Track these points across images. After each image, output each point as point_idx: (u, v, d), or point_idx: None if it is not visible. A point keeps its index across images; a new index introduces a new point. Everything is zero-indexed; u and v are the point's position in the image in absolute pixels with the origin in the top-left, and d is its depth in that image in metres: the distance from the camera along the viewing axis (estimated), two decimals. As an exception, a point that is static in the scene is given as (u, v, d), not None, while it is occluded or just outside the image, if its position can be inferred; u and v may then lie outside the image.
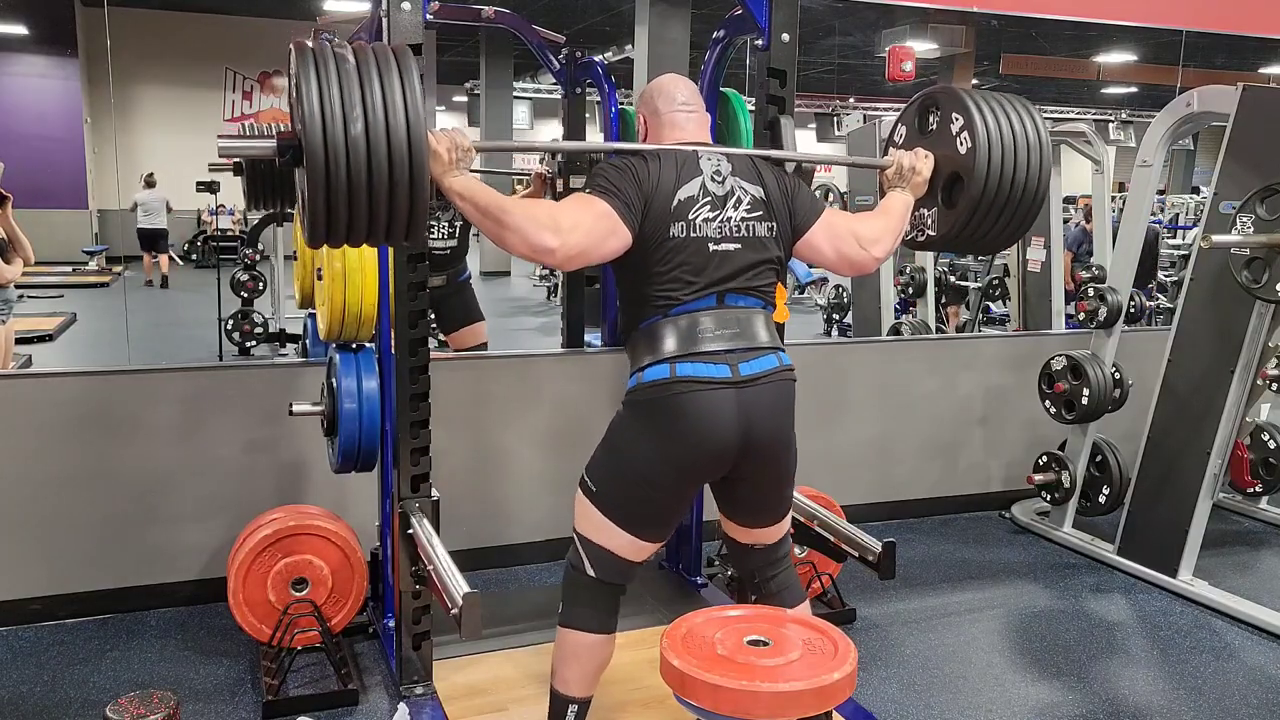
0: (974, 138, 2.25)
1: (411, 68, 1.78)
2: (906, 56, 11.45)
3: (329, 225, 1.75)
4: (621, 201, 1.99)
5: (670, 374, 2.00)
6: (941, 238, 2.39)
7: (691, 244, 2.03)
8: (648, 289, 2.04)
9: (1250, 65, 14.46)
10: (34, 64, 13.14)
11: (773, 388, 2.06)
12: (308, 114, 1.68)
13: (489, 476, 3.61)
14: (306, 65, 1.72)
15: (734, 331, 2.04)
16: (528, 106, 17.08)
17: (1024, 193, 2.28)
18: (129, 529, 3.19)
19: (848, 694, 1.87)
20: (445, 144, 1.87)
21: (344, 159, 1.69)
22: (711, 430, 2.00)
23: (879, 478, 4.28)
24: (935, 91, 2.41)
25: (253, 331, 7.28)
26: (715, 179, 2.08)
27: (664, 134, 2.20)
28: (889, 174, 2.38)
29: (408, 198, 1.75)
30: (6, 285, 4.89)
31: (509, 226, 1.89)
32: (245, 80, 14.46)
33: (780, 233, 2.14)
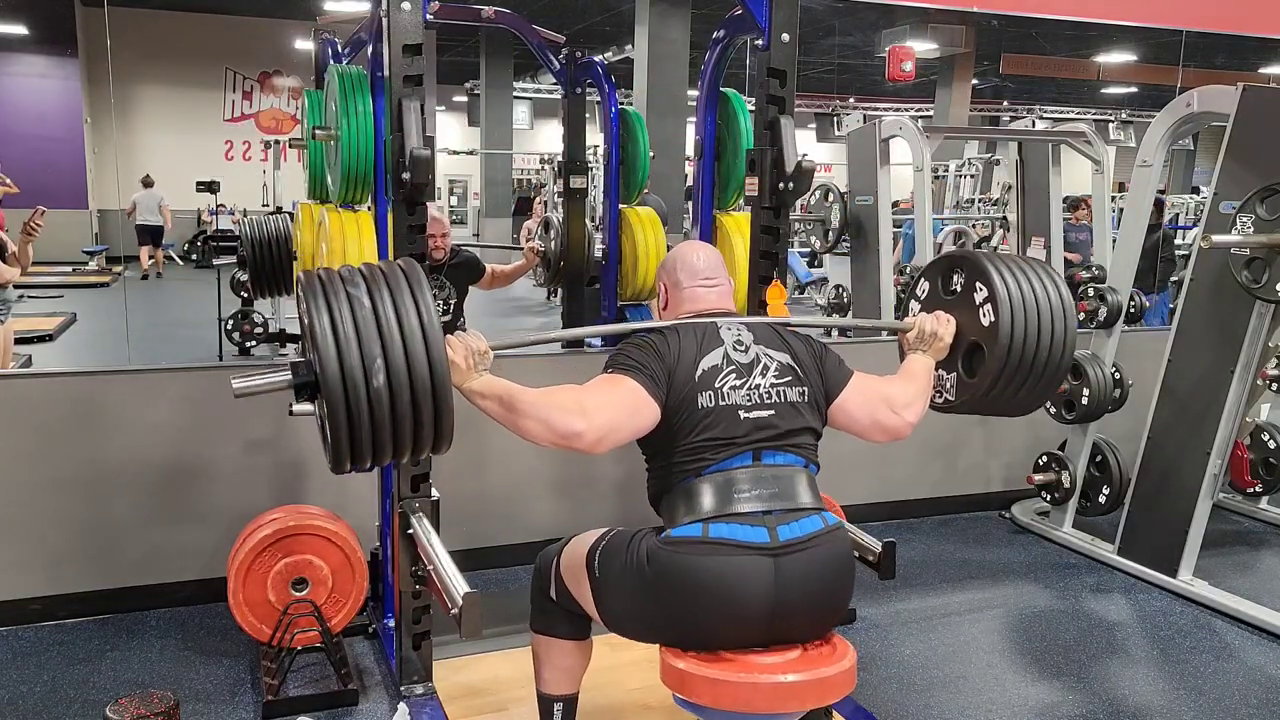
0: (997, 313, 2.18)
1: (425, 291, 1.73)
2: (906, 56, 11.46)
3: (354, 458, 1.72)
4: (646, 375, 1.92)
5: (703, 534, 1.85)
6: (959, 404, 2.35)
7: (722, 412, 1.93)
8: (678, 457, 1.94)
9: (1250, 65, 14.45)
10: (34, 64, 13.13)
11: (819, 553, 1.88)
12: (325, 365, 1.64)
13: (489, 476, 3.61)
14: (318, 305, 1.67)
15: (772, 491, 1.90)
16: (528, 106, 17.09)
17: (1047, 366, 2.22)
18: (129, 529, 3.19)
19: (848, 689, 1.87)
20: (462, 353, 1.84)
21: (366, 407, 1.65)
22: (740, 603, 1.82)
23: (879, 478, 4.28)
24: (960, 255, 2.37)
25: (253, 331, 7.27)
26: (738, 348, 2.00)
27: (684, 307, 2.15)
28: (910, 337, 2.31)
29: (433, 423, 1.72)
30: (5, 286, 4.88)
31: (533, 417, 1.84)
32: (245, 80, 14.45)
33: (814, 397, 2.04)
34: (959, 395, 2.34)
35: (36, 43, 12.74)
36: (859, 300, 6.43)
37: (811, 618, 1.90)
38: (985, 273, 2.22)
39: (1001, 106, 19.66)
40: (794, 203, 2.96)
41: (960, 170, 12.08)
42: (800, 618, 1.88)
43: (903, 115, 9.54)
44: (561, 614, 2.11)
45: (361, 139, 2.77)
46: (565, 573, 2.08)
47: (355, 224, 2.88)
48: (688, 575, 1.83)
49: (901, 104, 17.17)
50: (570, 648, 2.14)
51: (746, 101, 3.29)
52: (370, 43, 2.90)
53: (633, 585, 1.92)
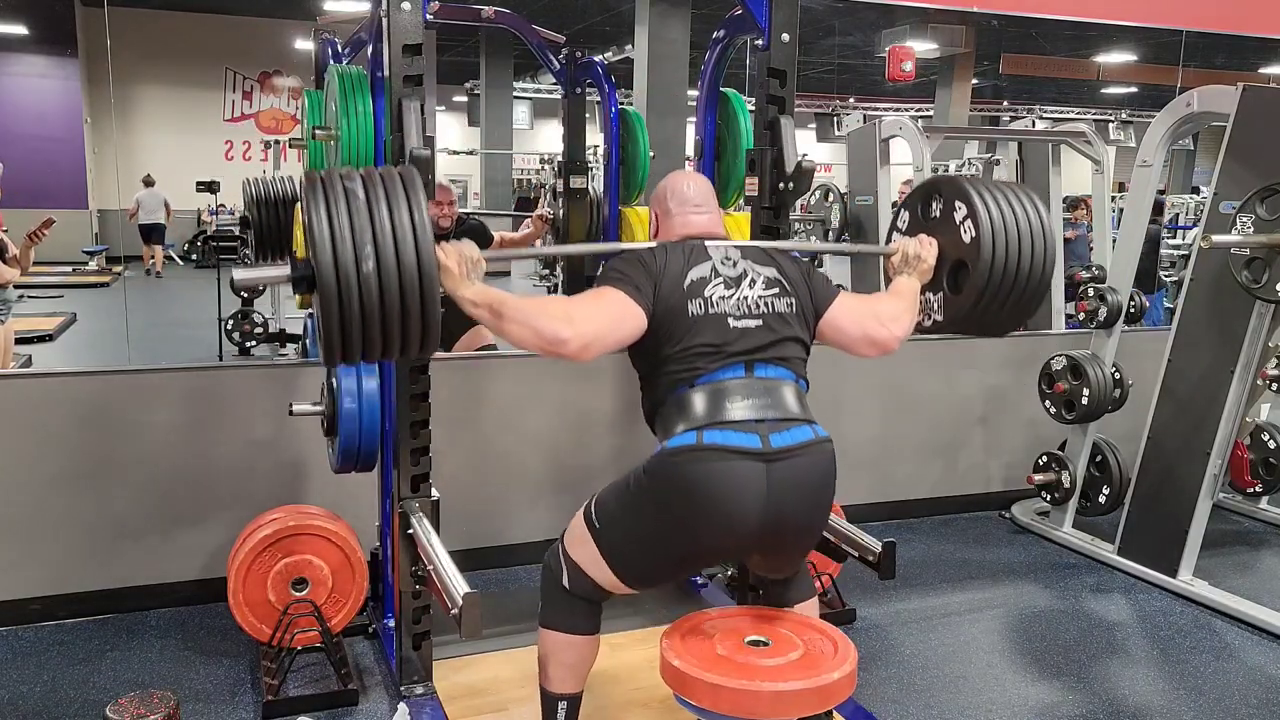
0: (978, 226, 2.23)
1: (419, 194, 1.79)
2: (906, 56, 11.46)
3: (344, 350, 1.78)
4: (632, 286, 1.98)
5: (697, 441, 1.90)
6: (948, 322, 2.38)
7: (711, 320, 1.99)
8: (669, 366, 1.99)
9: (1250, 65, 14.46)
10: (34, 64, 13.13)
11: (807, 461, 1.95)
12: (319, 250, 1.71)
13: (489, 476, 3.61)
14: (316, 198, 1.75)
15: (765, 401, 1.96)
16: (528, 106, 17.09)
17: (1029, 278, 2.26)
18: (129, 529, 3.19)
19: (848, 693, 1.87)
20: (455, 259, 1.87)
21: (356, 295, 1.72)
22: (735, 507, 1.88)
23: (879, 478, 4.28)
24: (937, 180, 2.40)
25: (253, 331, 7.28)
26: (725, 263, 2.06)
27: (674, 233, 2.19)
28: (894, 261, 2.35)
29: (419, 320, 1.78)
30: (6, 286, 4.88)
31: (523, 323, 1.88)
32: (245, 80, 14.46)
33: (801, 309, 2.10)
34: (946, 313, 2.38)
35: (36, 43, 12.74)
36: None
37: (801, 522, 1.98)
38: (963, 191, 2.28)
39: (1001, 106, 19.66)
40: (794, 203, 2.96)
41: (960, 170, 12.09)
42: (789, 523, 1.95)
43: (903, 115, 9.53)
44: (574, 605, 2.12)
45: (361, 139, 2.77)
46: (571, 548, 2.10)
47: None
48: (684, 479, 1.90)
49: (901, 104, 17.17)
50: (578, 643, 2.14)
51: (746, 101, 3.29)
52: (370, 43, 2.90)
53: (633, 507, 1.99)
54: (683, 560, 2.01)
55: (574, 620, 2.12)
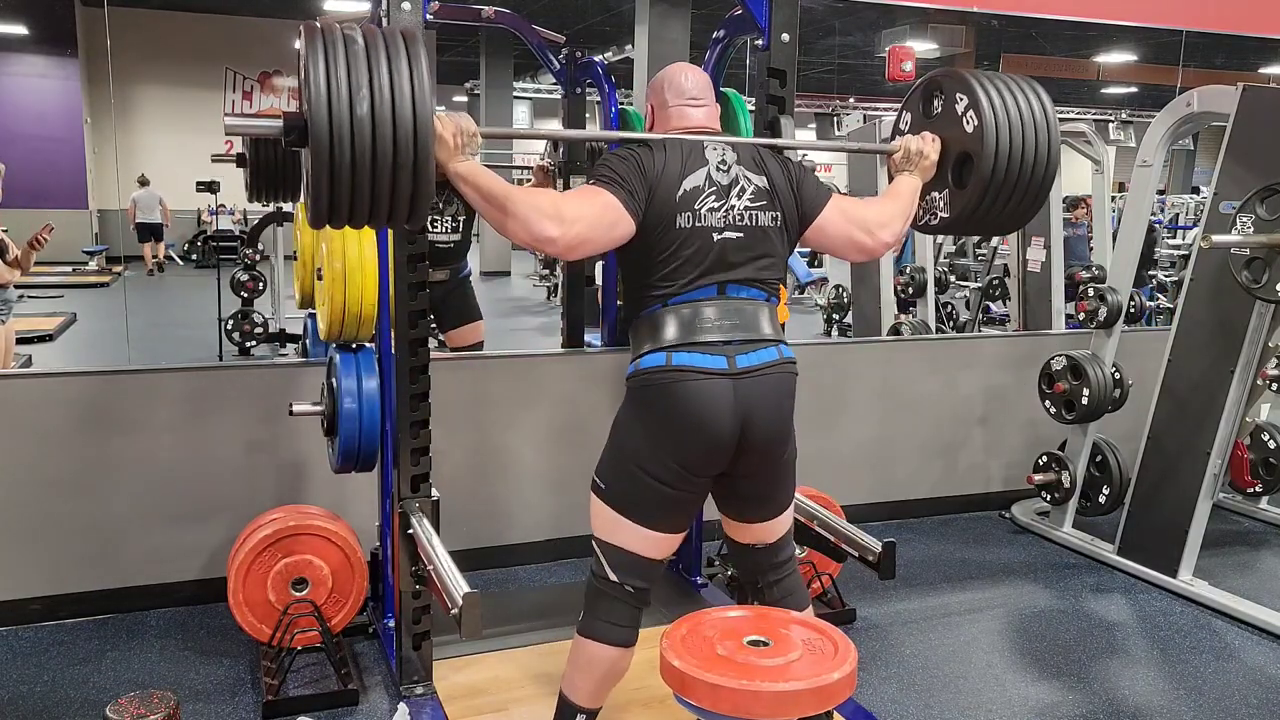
0: (980, 116, 2.22)
1: (420, 52, 1.77)
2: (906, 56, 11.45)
3: (331, 205, 1.75)
4: (625, 191, 1.99)
5: (666, 362, 2.01)
6: (954, 219, 2.37)
7: (696, 233, 2.03)
8: (650, 278, 2.05)
9: (1250, 65, 14.46)
10: (34, 64, 13.13)
11: (771, 379, 2.05)
12: (314, 93, 1.69)
13: (489, 476, 3.61)
14: (315, 46, 1.72)
15: (734, 322, 2.04)
16: (528, 106, 17.12)
17: (1035, 168, 2.26)
18: (129, 529, 3.19)
19: (848, 694, 1.87)
20: (451, 129, 1.87)
21: (349, 139, 1.69)
22: (707, 420, 1.99)
23: (879, 478, 4.28)
24: (938, 75, 2.39)
25: (253, 331, 7.28)
26: (720, 168, 2.07)
27: (670, 125, 2.19)
28: (896, 159, 2.36)
29: (410, 180, 1.75)
30: (6, 286, 4.89)
31: (512, 214, 1.89)
32: (245, 80, 14.46)
33: (786, 221, 2.13)
34: (952, 209, 2.36)
35: (36, 43, 12.74)
36: (859, 300, 6.44)
37: (767, 428, 2.06)
38: (965, 82, 2.27)
39: (1002, 106, 19.61)
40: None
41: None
42: (757, 428, 2.03)
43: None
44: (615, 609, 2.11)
45: (361, 139, 2.76)
46: (596, 530, 2.13)
47: (355, 224, 2.87)
48: (658, 395, 2.01)
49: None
50: (613, 656, 2.12)
51: (746, 101, 3.29)
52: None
53: (621, 439, 2.08)
54: (680, 475, 2.04)
55: (613, 629, 2.11)
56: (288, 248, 6.67)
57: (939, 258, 8.33)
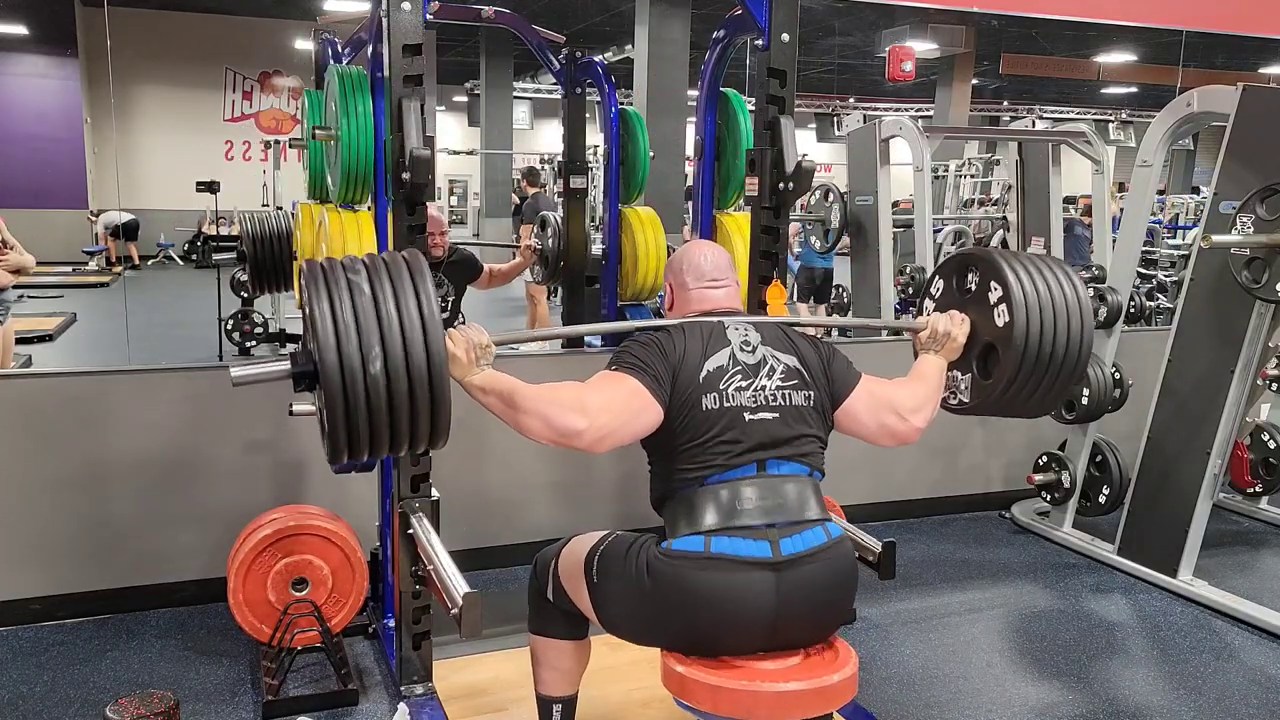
0: (1012, 313, 2.13)
1: (426, 282, 1.72)
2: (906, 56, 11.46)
3: (350, 449, 1.71)
4: (650, 376, 1.89)
5: (705, 548, 1.83)
6: (974, 406, 2.30)
7: (726, 415, 1.90)
8: (682, 462, 1.92)
9: (1250, 65, 14.47)
10: (34, 64, 13.14)
11: (820, 567, 1.87)
12: (324, 351, 1.64)
13: (489, 476, 3.61)
14: (319, 293, 1.67)
15: (777, 503, 1.89)
16: (528, 106, 17.09)
17: (1064, 366, 2.17)
18: (129, 529, 3.19)
19: (849, 696, 1.87)
20: (463, 347, 1.83)
21: (363, 395, 1.65)
22: (741, 618, 1.82)
23: (879, 478, 4.28)
24: (974, 253, 2.32)
25: (253, 331, 7.28)
26: (744, 349, 1.98)
27: (690, 308, 2.12)
28: (923, 337, 2.26)
29: (429, 417, 1.72)
30: (4, 288, 4.89)
31: (533, 413, 1.83)
32: (245, 80, 14.46)
33: (819, 401, 2.00)
34: (974, 397, 2.30)
35: (36, 43, 12.74)
36: (859, 300, 6.44)
37: (812, 626, 1.91)
38: (1000, 272, 2.18)
39: (1001, 106, 19.67)
40: (794, 202, 2.96)
41: (960, 170, 12.09)
42: (801, 626, 1.89)
43: (903, 115, 9.53)
44: (559, 615, 2.11)
45: (361, 139, 2.77)
46: (563, 575, 2.07)
47: (355, 224, 2.88)
48: (688, 590, 1.83)
49: (901, 104, 17.17)
50: (568, 648, 2.14)
51: (746, 101, 3.29)
52: (370, 43, 2.89)
53: (631, 594, 1.91)
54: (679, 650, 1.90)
55: (562, 628, 2.11)
56: (288, 248, 6.65)
57: (939, 258, 8.33)
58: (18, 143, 12.37)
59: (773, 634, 1.85)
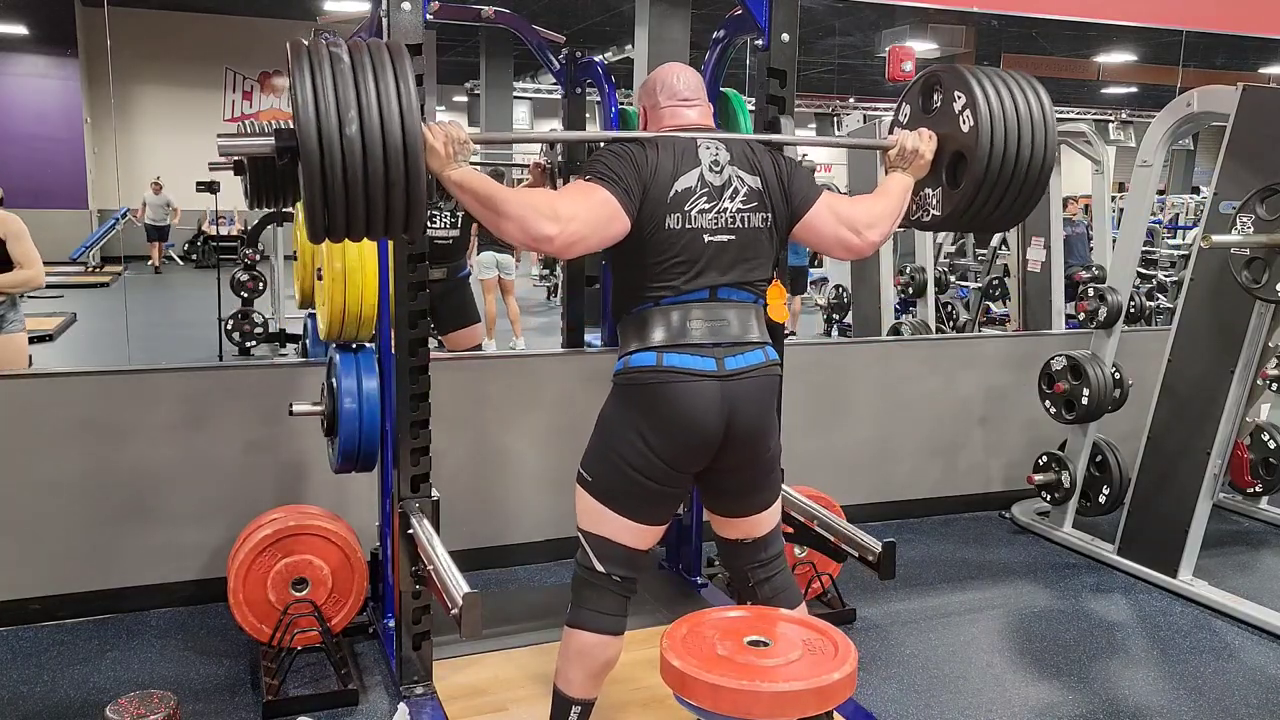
0: (976, 116, 2.20)
1: (406, 65, 1.79)
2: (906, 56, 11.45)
3: (328, 222, 1.77)
4: (620, 188, 1.98)
5: (657, 362, 2.03)
6: (945, 217, 2.36)
7: (687, 235, 2.03)
8: (641, 278, 2.06)
9: (1250, 65, 14.47)
10: (34, 64, 13.15)
11: (756, 382, 2.08)
12: (302, 115, 1.70)
13: (489, 476, 3.61)
14: (302, 65, 1.73)
15: (722, 324, 2.06)
16: (528, 106, 17.12)
17: (1029, 170, 2.24)
18: (129, 529, 3.19)
19: (848, 694, 1.87)
20: (441, 138, 1.88)
21: (339, 159, 1.70)
22: (695, 421, 2.02)
23: (879, 478, 4.28)
24: (938, 70, 2.37)
25: (253, 331, 7.28)
26: (713, 169, 2.07)
27: (664, 124, 2.18)
28: (891, 155, 2.34)
29: (404, 193, 1.77)
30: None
31: (507, 215, 1.89)
32: (245, 80, 14.47)
33: (776, 221, 2.13)
34: (944, 208, 2.35)
35: (36, 43, 12.76)
36: (859, 300, 6.44)
37: (751, 426, 2.09)
38: (963, 79, 2.25)
39: (1001, 106, 19.63)
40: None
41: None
42: (742, 426, 2.07)
43: (903, 115, 9.50)
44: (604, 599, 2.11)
45: (361, 139, 2.76)
46: (581, 522, 2.13)
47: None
48: (647, 394, 2.04)
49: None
50: (603, 644, 2.13)
51: (746, 101, 3.29)
52: (370, 42, 2.89)
53: (607, 433, 2.09)
54: (665, 471, 2.05)
55: (602, 617, 2.12)
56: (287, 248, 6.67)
57: (939, 258, 8.33)
58: (18, 143, 12.38)
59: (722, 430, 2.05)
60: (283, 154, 1.81)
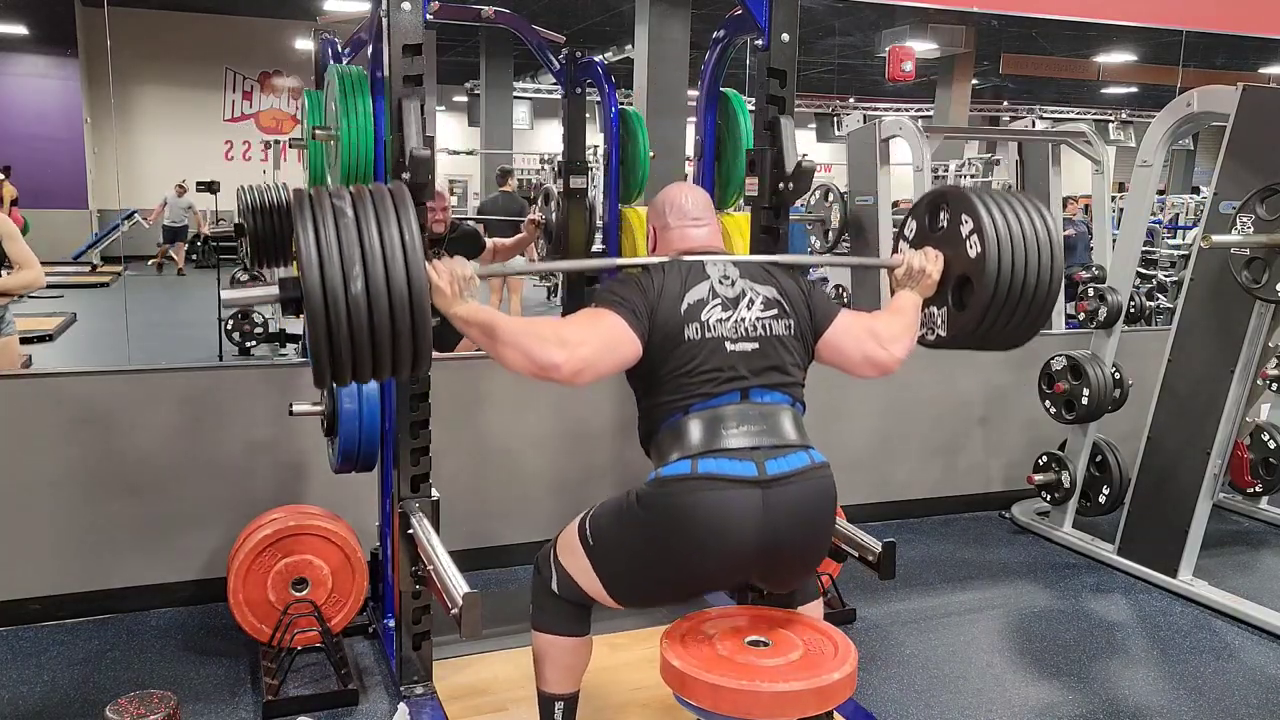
0: (984, 242, 2.17)
1: (410, 213, 1.76)
2: (906, 56, 11.46)
3: (334, 371, 1.75)
4: (628, 310, 1.94)
5: (691, 470, 1.89)
6: (951, 338, 2.33)
7: (708, 344, 1.96)
8: (666, 391, 1.97)
9: (1250, 65, 14.48)
10: (34, 64, 13.14)
11: (803, 489, 1.92)
12: (307, 273, 1.69)
13: (489, 476, 3.61)
14: (305, 219, 1.72)
15: (760, 428, 1.93)
16: (528, 106, 17.11)
17: (1035, 296, 2.21)
18: (129, 529, 3.19)
19: (848, 694, 1.87)
20: (446, 277, 1.85)
21: (345, 313, 1.69)
22: (729, 535, 1.87)
23: (879, 478, 4.28)
24: (945, 190, 2.36)
25: (253, 331, 7.28)
26: (724, 282, 2.03)
27: (672, 247, 2.16)
28: (898, 274, 2.30)
29: (410, 340, 1.75)
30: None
31: (513, 345, 1.86)
32: (245, 80, 14.46)
33: (800, 330, 2.06)
34: (950, 329, 2.33)
35: (36, 43, 12.75)
36: (859, 300, 6.44)
37: (798, 550, 1.96)
38: (970, 204, 2.23)
39: (1001, 106, 19.67)
40: (794, 203, 2.96)
41: (960, 170, 12.09)
42: (786, 549, 1.93)
43: (903, 115, 9.53)
44: (563, 609, 2.11)
45: (361, 139, 2.77)
46: (562, 556, 2.09)
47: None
48: (680, 509, 1.88)
49: (901, 104, 17.18)
50: (571, 645, 2.14)
51: (746, 101, 3.29)
52: (370, 43, 2.90)
53: (627, 533, 1.96)
54: (678, 587, 1.97)
55: (565, 623, 2.12)
56: (288, 248, 6.65)
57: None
58: (18, 143, 12.37)
59: (762, 553, 1.89)
60: (287, 306, 1.80)
